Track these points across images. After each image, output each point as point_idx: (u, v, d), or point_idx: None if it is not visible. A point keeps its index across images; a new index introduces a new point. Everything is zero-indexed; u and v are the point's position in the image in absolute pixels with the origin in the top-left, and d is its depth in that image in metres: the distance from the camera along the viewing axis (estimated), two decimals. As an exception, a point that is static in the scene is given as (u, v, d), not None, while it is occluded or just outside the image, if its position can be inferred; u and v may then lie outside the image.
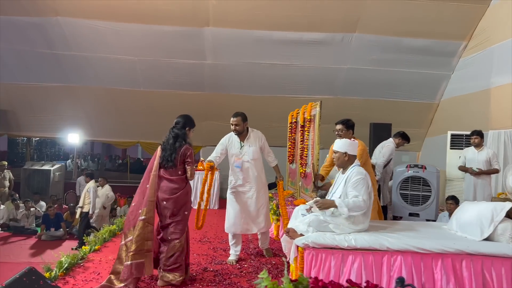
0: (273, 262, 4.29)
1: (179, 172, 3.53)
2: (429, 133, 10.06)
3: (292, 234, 3.11)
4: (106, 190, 8.08)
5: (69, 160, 15.31)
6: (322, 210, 3.10)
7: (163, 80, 9.23)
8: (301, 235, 3.05)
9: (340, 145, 3.35)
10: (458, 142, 5.95)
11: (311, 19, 8.10)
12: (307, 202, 4.92)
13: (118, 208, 9.39)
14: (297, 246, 2.99)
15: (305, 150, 5.30)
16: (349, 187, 3.15)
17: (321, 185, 4.33)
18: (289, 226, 3.32)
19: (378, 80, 9.10)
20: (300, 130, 5.63)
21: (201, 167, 7.56)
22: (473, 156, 5.50)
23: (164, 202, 3.50)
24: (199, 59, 8.80)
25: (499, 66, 7.51)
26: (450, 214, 4.75)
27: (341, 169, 3.40)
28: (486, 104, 7.79)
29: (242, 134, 4.32)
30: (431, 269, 2.77)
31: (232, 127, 4.29)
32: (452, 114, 8.90)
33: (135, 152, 17.72)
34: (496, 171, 5.35)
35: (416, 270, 2.78)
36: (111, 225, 5.57)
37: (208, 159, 4.30)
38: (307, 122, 5.31)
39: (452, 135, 6.00)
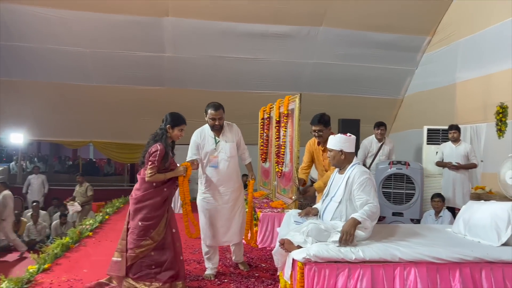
0: (256, 274, 3.86)
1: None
2: (392, 129, 10.06)
3: (288, 246, 2.69)
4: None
5: (13, 162, 14.02)
6: (351, 241, 2.62)
7: (118, 74, 8.51)
8: (299, 247, 2.65)
9: (334, 142, 2.97)
10: (434, 137, 5.82)
11: (277, 11, 7.76)
12: (286, 204, 4.59)
13: (69, 214, 8.56)
14: (295, 261, 2.60)
15: (282, 147, 4.94)
16: (355, 190, 2.80)
17: (304, 191, 3.91)
18: (281, 235, 2.91)
19: (345, 75, 8.95)
20: (276, 126, 5.26)
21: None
22: (450, 151, 5.38)
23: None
24: (157, 52, 8.17)
25: (464, 61, 7.54)
26: (436, 213, 4.58)
27: (337, 169, 3.04)
28: (451, 99, 7.82)
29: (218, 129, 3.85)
30: (448, 281, 2.49)
31: (212, 122, 3.74)
32: (416, 109, 8.91)
33: (87, 153, 16.60)
34: (474, 166, 5.26)
35: (431, 283, 2.48)
36: (63, 237, 4.90)
37: (187, 160, 3.71)
38: (284, 118, 4.94)
39: (428, 130, 5.87)
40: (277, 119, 5.22)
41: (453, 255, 2.52)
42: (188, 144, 3.86)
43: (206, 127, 3.87)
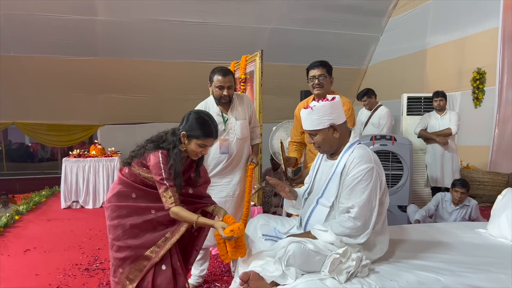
0: None
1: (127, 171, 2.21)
2: (355, 103, 9.42)
3: (255, 284, 1.75)
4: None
5: None
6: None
7: (40, 41, 7.12)
8: (274, 284, 1.75)
9: (317, 117, 1.94)
10: (415, 106, 5.11)
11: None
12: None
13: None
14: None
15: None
16: (344, 189, 1.91)
17: (295, 176, 2.99)
18: (242, 263, 1.97)
19: (305, 43, 8.12)
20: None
21: (93, 152, 5.87)
22: (435, 122, 4.69)
23: None
24: (88, 14, 6.86)
25: (435, 25, 6.91)
26: (455, 204, 3.83)
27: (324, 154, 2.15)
28: (421, 67, 7.21)
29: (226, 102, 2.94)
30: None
31: (219, 92, 2.85)
32: (382, 80, 8.24)
33: (21, 136, 14.73)
34: (449, 133, 4.56)
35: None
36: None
37: None
38: (241, 84, 4.03)
39: (408, 98, 5.15)
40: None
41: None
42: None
43: (211, 100, 2.98)
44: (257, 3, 7.31)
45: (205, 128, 2.11)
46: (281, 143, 3.04)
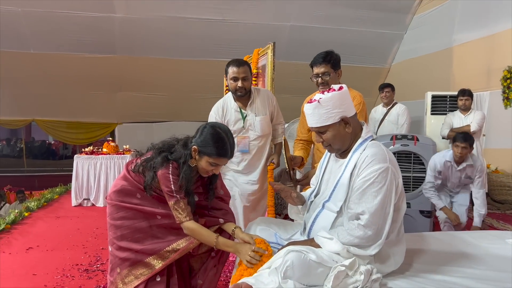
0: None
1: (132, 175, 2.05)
2: (377, 102, 9.11)
3: None
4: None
5: None
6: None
7: (60, 39, 7.15)
8: None
9: (326, 110, 1.69)
10: (440, 105, 4.82)
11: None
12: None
13: (7, 205, 7.30)
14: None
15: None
16: (354, 192, 1.68)
17: (301, 177, 2.75)
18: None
19: (325, 41, 7.77)
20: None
21: (105, 150, 5.78)
22: (458, 121, 4.39)
23: None
24: (106, 12, 6.84)
25: (463, 21, 6.55)
26: (457, 162, 3.41)
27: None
28: (447, 65, 6.86)
29: (245, 96, 2.79)
30: None
31: (234, 84, 2.71)
32: (406, 79, 7.92)
33: (43, 134, 14.97)
34: (468, 130, 4.24)
35: None
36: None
37: None
38: (253, 79, 3.85)
39: (433, 96, 4.86)
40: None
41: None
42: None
43: (229, 96, 2.87)
44: (276, 0, 7.12)
45: (220, 146, 1.88)
46: (285, 140, 2.85)
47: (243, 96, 2.76)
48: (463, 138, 3.32)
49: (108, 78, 7.80)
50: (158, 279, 1.97)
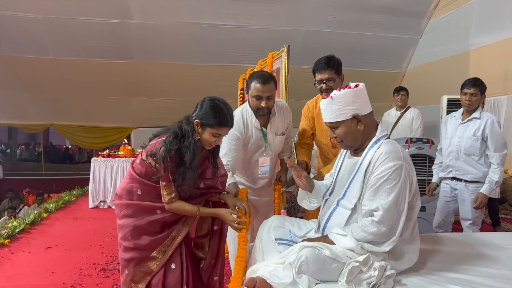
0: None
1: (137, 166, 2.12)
2: (392, 107, 9.06)
3: None
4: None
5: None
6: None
7: (78, 45, 7.31)
8: None
9: (338, 107, 1.72)
10: (456, 109, 4.78)
11: (262, -33, 6.64)
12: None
13: (26, 207, 7.46)
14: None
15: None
16: (368, 189, 1.69)
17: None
18: (252, 268, 1.75)
19: (339, 46, 7.81)
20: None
21: (121, 153, 5.87)
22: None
23: None
24: (123, 18, 6.98)
25: (479, 25, 6.49)
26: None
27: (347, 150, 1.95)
28: (464, 70, 6.78)
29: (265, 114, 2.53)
30: None
31: (256, 103, 2.45)
32: (421, 84, 7.87)
33: (61, 139, 15.26)
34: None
35: None
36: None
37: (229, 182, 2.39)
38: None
39: (449, 100, 4.85)
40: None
41: None
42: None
43: (247, 111, 2.58)
44: (290, 5, 7.17)
45: (221, 116, 1.98)
46: (294, 146, 2.85)
47: (263, 115, 2.53)
48: (471, 83, 2.97)
49: (124, 83, 7.93)
50: (173, 266, 2.00)
